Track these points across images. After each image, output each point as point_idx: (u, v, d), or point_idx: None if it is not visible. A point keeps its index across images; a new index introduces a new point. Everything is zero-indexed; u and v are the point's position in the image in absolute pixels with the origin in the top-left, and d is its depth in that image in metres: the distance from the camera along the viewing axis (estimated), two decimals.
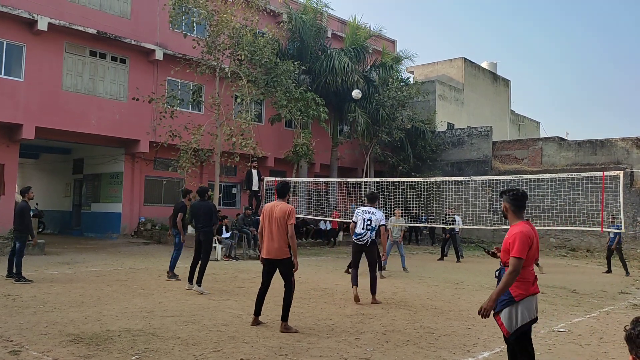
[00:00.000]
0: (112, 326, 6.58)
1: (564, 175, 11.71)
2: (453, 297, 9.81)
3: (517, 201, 4.52)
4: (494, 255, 4.89)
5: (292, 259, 6.83)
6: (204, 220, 9.58)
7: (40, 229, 20.26)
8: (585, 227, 18.34)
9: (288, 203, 6.94)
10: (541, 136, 35.01)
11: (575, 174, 11.85)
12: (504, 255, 4.48)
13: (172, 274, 10.80)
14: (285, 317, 6.65)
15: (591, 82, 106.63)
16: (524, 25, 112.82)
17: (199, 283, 9.29)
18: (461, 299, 9.55)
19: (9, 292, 8.72)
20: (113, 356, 5.35)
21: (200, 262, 9.41)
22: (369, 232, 8.96)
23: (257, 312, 6.93)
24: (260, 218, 6.97)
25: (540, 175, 12.16)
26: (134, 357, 5.32)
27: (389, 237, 13.43)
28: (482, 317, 4.31)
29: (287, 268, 6.76)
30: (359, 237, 8.99)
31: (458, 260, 17.07)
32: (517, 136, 36.00)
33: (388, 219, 13.07)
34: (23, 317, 6.95)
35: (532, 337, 6.54)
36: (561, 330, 7.23)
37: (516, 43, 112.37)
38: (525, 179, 14.43)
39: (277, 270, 6.85)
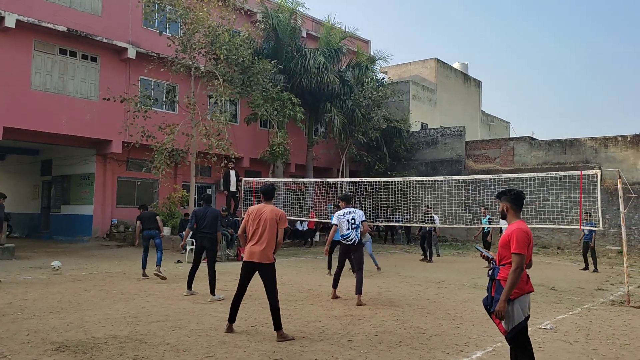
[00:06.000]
0: (97, 333, 6.37)
1: (542, 174, 11.89)
2: (437, 296, 9.86)
3: (518, 200, 4.60)
4: (487, 259, 4.87)
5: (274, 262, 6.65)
6: (210, 227, 9.37)
7: (7, 232, 19.55)
8: (557, 224, 18.77)
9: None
10: (511, 136, 35.68)
11: (553, 173, 12.08)
12: (502, 252, 4.49)
13: (154, 271, 11.14)
14: (278, 325, 6.35)
15: (558, 83, 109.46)
16: (493, 26, 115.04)
17: (212, 292, 9.03)
18: (445, 298, 9.61)
19: None
20: None
21: (208, 271, 9.13)
22: (354, 232, 9.03)
23: (232, 318, 6.64)
24: (245, 220, 6.73)
25: (520, 174, 12.28)
26: None
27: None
28: (499, 319, 4.30)
29: (271, 274, 6.48)
30: (345, 237, 9.03)
31: (430, 260, 16.82)
32: (488, 136, 36.60)
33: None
34: (1, 325, 6.66)
35: None
36: (547, 327, 7.33)
37: (485, 44, 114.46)
38: (504, 178, 14.57)
39: (259, 274, 6.57)
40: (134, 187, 21.11)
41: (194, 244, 9.72)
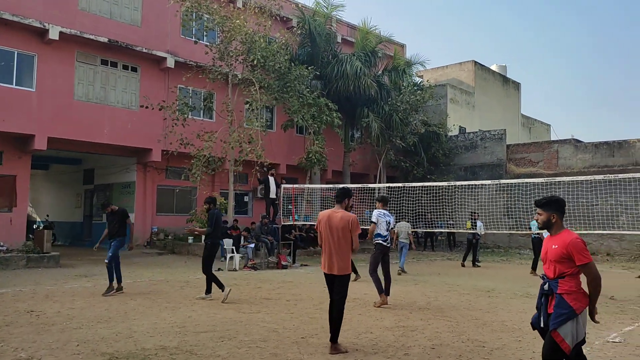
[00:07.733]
0: (146, 344, 6.24)
1: (600, 177, 11.30)
2: (489, 306, 9.43)
3: (564, 208, 4.31)
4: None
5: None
6: (220, 229, 9.98)
7: (52, 241, 19.93)
8: (606, 230, 17.99)
9: (347, 210, 6.36)
10: (552, 139, 34.64)
11: (612, 175, 11.46)
12: (559, 267, 4.14)
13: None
14: (335, 337, 6.06)
15: (597, 84, 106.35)
16: (530, 28, 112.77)
17: (208, 292, 9.55)
18: (499, 309, 9.17)
19: (32, 307, 8.38)
20: None
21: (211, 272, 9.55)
22: (389, 234, 9.39)
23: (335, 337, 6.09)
24: (318, 227, 6.40)
25: (575, 177, 11.77)
26: None
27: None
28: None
29: (344, 284, 6.19)
30: (385, 239, 9.25)
31: (462, 264, 17.18)
32: (528, 139, 35.60)
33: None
34: (51, 335, 6.61)
35: (588, 348, 6.20)
36: (616, 340, 6.86)
37: (524, 45, 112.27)
38: (557, 182, 13.96)
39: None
40: (172, 194, 21.26)
41: (207, 247, 9.70)
